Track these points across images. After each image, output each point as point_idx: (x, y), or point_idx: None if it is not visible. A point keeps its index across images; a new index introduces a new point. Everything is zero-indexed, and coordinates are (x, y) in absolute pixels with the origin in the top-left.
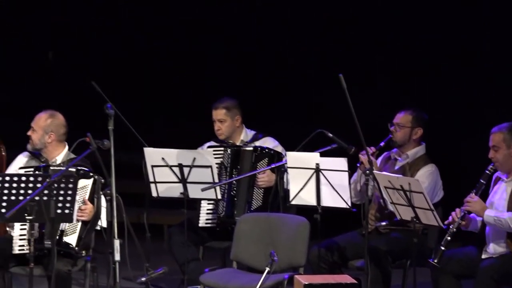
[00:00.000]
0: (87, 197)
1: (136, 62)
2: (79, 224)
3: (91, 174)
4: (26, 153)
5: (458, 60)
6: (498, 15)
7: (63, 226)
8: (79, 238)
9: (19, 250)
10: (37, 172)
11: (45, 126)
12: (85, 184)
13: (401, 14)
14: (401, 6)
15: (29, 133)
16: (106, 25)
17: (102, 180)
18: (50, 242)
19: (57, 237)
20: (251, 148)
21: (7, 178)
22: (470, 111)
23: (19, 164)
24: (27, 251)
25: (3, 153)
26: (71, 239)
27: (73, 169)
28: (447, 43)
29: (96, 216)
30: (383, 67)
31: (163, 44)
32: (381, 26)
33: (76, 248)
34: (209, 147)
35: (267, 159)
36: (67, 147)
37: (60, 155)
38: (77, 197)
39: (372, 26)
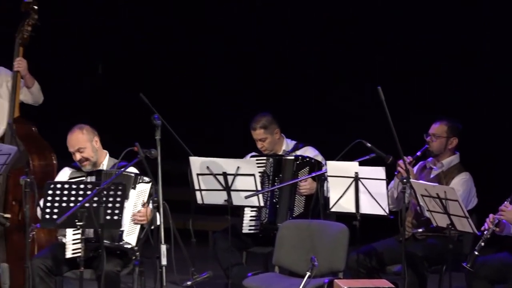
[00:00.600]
0: (145, 200)
1: (185, 72)
2: (138, 225)
3: (149, 179)
4: (68, 168)
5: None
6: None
7: (124, 225)
8: (138, 239)
9: (72, 254)
10: (89, 179)
11: (86, 137)
12: (143, 189)
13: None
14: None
15: (79, 157)
16: (156, 38)
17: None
18: (109, 242)
19: (118, 236)
20: (292, 157)
21: (59, 186)
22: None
23: (63, 177)
24: (80, 255)
25: (54, 162)
26: (131, 239)
27: (132, 174)
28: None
29: (153, 218)
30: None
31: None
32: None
33: (135, 248)
34: (252, 156)
35: (308, 167)
36: (108, 152)
37: (104, 160)
38: (136, 200)
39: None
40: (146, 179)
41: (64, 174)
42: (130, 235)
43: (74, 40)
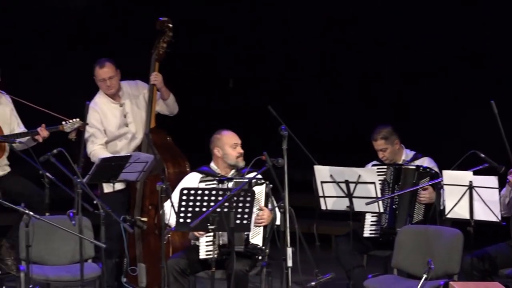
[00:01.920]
0: (262, 203)
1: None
2: (261, 227)
3: (263, 180)
4: (195, 173)
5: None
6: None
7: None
8: (264, 238)
9: (206, 255)
10: (220, 186)
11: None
12: (259, 191)
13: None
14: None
15: (240, 150)
16: (282, 54)
17: (271, 185)
18: (241, 247)
19: (245, 240)
20: (414, 167)
21: (192, 192)
22: None
23: (192, 181)
24: (212, 256)
25: (188, 169)
26: (257, 240)
27: (246, 180)
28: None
29: (273, 217)
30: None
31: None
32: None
33: (263, 247)
34: (373, 165)
35: (428, 178)
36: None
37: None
38: (255, 204)
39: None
40: (261, 180)
41: (193, 179)
42: (256, 237)
43: (207, 54)
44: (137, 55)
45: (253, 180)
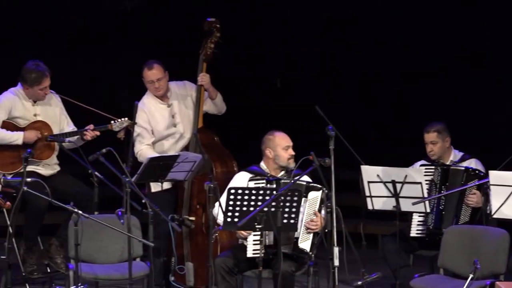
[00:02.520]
0: (317, 208)
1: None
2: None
3: (320, 186)
4: (244, 172)
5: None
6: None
7: (298, 233)
8: (312, 244)
9: (253, 254)
10: (268, 186)
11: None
12: (315, 196)
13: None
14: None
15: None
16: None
17: (327, 191)
18: (287, 250)
19: (293, 243)
20: (462, 168)
21: (240, 191)
22: None
23: (241, 181)
24: (259, 255)
25: (235, 169)
26: (306, 245)
27: (304, 183)
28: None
29: (325, 224)
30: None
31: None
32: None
33: (310, 253)
34: (421, 165)
35: (477, 179)
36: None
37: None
38: (309, 209)
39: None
40: (317, 186)
41: (242, 178)
42: (305, 242)
43: (255, 54)
44: (185, 56)
45: (310, 186)
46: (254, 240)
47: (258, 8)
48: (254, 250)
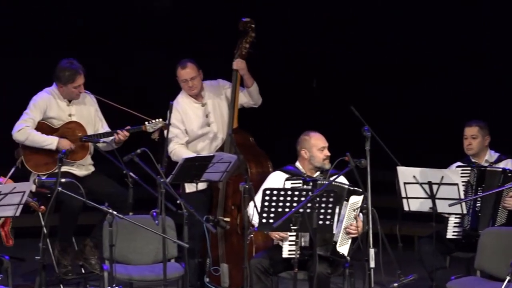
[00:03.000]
0: (357, 213)
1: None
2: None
3: (361, 191)
4: (279, 172)
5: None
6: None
7: (336, 237)
8: (350, 249)
9: (289, 254)
10: (305, 187)
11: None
12: (356, 201)
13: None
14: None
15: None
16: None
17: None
18: (322, 252)
19: (332, 247)
20: (500, 169)
21: (275, 192)
22: None
23: (276, 181)
24: (294, 256)
25: (270, 169)
26: (344, 249)
27: (346, 186)
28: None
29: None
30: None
31: None
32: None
33: (348, 257)
34: (457, 166)
35: None
36: None
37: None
38: (349, 213)
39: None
40: (359, 190)
41: (277, 178)
42: (343, 246)
43: (291, 53)
44: (220, 56)
45: (352, 189)
46: (289, 241)
47: (294, 7)
48: (289, 251)
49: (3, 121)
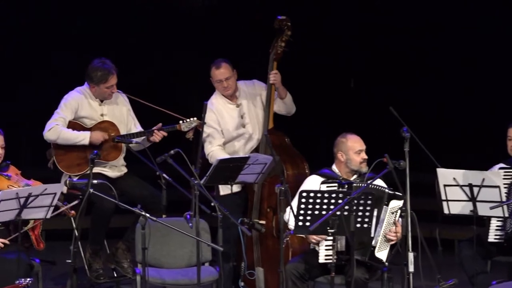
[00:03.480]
0: (397, 218)
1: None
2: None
3: (401, 195)
4: (315, 176)
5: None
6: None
7: (375, 242)
8: (389, 255)
9: (325, 259)
10: (340, 189)
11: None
12: (396, 205)
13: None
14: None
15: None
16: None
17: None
18: (359, 257)
19: (370, 252)
20: None
21: (311, 194)
22: None
23: (313, 184)
24: (331, 261)
25: (307, 171)
26: (382, 255)
27: (386, 190)
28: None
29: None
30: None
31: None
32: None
33: (386, 263)
34: (500, 168)
35: None
36: None
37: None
38: (389, 218)
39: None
40: (399, 195)
41: (314, 182)
42: (382, 251)
43: (329, 53)
44: (255, 55)
45: (392, 194)
46: (326, 245)
47: (333, 6)
48: (326, 255)
49: (34, 122)
